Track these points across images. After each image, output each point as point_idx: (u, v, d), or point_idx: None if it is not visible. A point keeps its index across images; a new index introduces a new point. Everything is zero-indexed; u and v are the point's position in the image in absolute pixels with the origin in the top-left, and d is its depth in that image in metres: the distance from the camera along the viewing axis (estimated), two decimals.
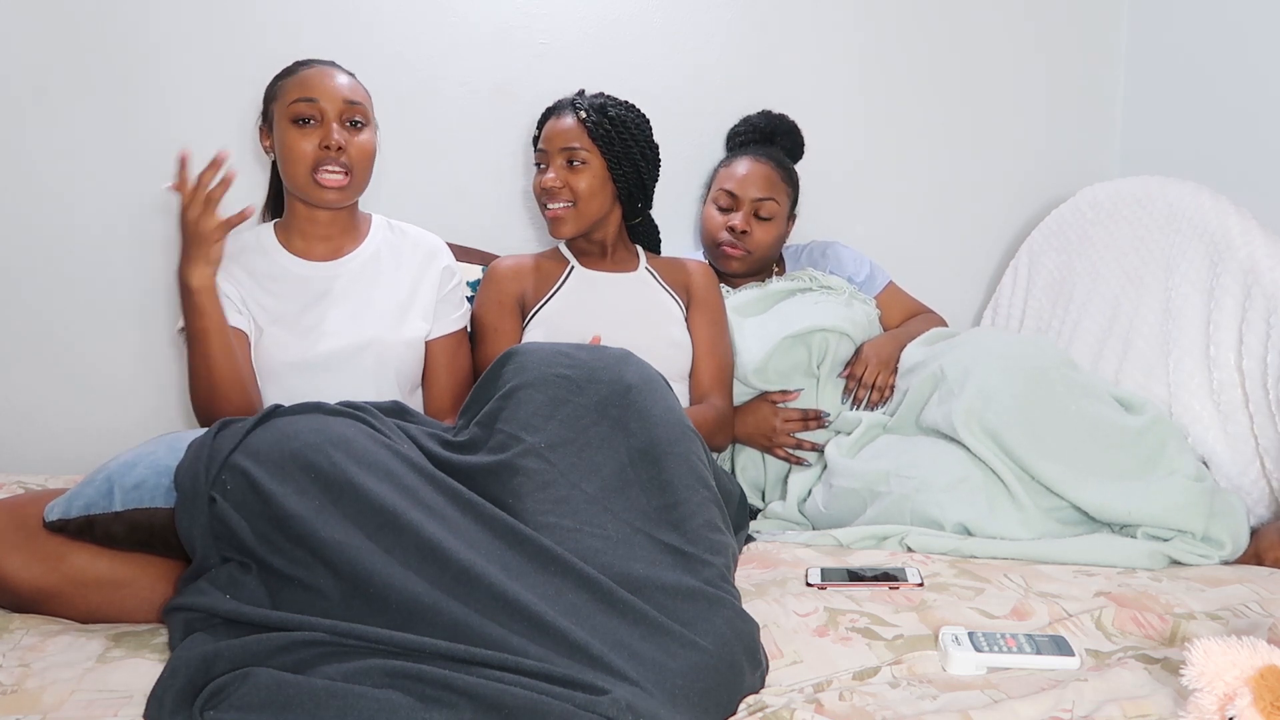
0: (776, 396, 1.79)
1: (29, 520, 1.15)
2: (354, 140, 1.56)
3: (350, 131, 1.56)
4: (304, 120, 1.54)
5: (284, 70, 1.61)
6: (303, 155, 1.54)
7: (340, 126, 1.55)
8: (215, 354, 1.43)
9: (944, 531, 1.48)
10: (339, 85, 1.56)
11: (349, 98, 1.56)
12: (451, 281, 1.71)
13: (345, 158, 1.54)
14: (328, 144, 1.53)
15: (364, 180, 1.59)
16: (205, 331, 1.42)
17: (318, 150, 1.53)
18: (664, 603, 1.04)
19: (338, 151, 1.53)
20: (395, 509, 1.08)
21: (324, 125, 1.54)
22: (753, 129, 2.07)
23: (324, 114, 1.54)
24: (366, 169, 1.59)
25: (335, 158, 1.54)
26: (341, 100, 1.55)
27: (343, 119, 1.55)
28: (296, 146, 1.54)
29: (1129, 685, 1.00)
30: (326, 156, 1.53)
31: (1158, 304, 1.78)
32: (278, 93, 1.58)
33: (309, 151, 1.53)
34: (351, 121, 1.56)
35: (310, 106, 1.54)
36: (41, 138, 1.86)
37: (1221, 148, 2.08)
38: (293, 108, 1.54)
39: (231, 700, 0.92)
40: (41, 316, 1.90)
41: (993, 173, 2.34)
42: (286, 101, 1.55)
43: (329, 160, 1.53)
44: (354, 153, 1.55)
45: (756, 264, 1.97)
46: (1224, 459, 1.61)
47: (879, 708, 0.96)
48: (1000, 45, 2.30)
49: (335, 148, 1.53)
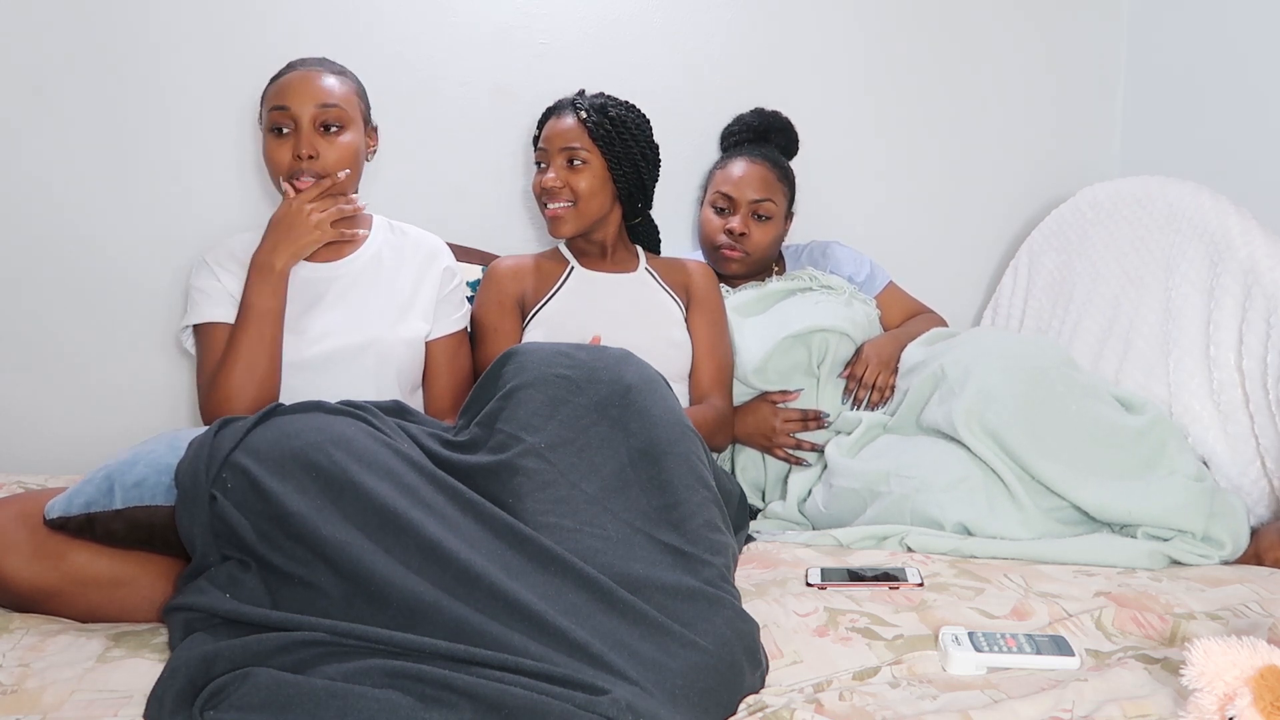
0: (776, 397, 1.79)
1: (29, 519, 1.14)
2: (329, 145, 1.54)
3: (324, 137, 1.55)
4: (278, 129, 1.54)
5: (275, 74, 1.61)
6: (278, 164, 1.55)
7: (313, 133, 1.54)
8: (270, 337, 1.49)
9: (944, 531, 1.48)
10: (315, 89, 1.55)
11: (323, 101, 1.54)
12: (452, 282, 1.71)
13: (317, 165, 1.53)
14: (299, 153, 1.53)
15: (345, 184, 1.58)
16: (274, 312, 1.49)
17: (291, 160, 1.54)
18: (664, 603, 1.04)
19: (309, 160, 1.53)
20: (396, 508, 1.08)
21: (296, 133, 1.54)
22: (746, 127, 2.07)
23: (297, 121, 1.53)
24: (345, 172, 1.57)
25: (307, 167, 1.53)
26: (314, 105, 1.53)
27: (316, 124, 1.54)
28: (272, 156, 1.55)
29: (1129, 685, 1.00)
30: (298, 165, 1.54)
31: (1158, 304, 1.78)
32: (263, 98, 1.59)
33: (284, 161, 1.54)
34: (325, 126, 1.55)
35: (283, 115, 1.54)
36: (40, 138, 1.86)
37: (1221, 148, 2.08)
38: (270, 116, 1.55)
39: (231, 700, 0.92)
40: (40, 318, 1.89)
41: (993, 173, 2.34)
42: (266, 109, 1.56)
43: (301, 169, 1.54)
44: (329, 159, 1.54)
45: (756, 265, 1.97)
46: (1224, 459, 1.61)
47: (879, 708, 0.96)
48: (1000, 45, 2.30)
49: (306, 156, 1.53)
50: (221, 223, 1.88)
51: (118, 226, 1.90)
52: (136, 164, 1.89)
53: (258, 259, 1.51)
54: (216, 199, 1.93)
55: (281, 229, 1.51)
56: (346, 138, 1.57)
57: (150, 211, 1.91)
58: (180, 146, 1.91)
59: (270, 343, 1.49)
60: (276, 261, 1.50)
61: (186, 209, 1.92)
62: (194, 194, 1.92)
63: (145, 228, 1.91)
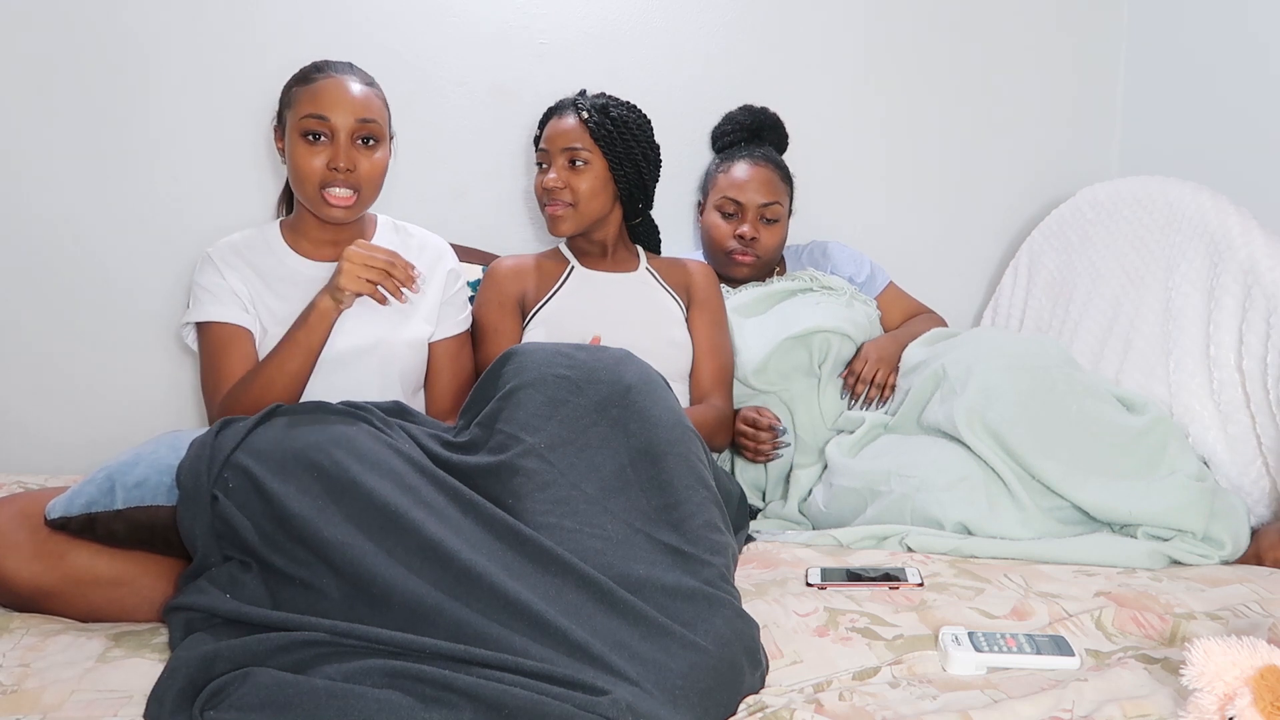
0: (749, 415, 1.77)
1: (30, 519, 1.14)
2: (365, 159, 1.52)
3: (361, 150, 1.53)
4: (314, 135, 1.51)
5: (300, 75, 1.57)
6: (311, 172, 1.51)
7: (351, 145, 1.52)
8: (303, 371, 1.47)
9: (944, 531, 1.48)
10: (355, 102, 1.52)
11: (363, 115, 1.52)
12: (457, 284, 1.71)
13: (354, 178, 1.52)
14: (336, 165, 1.50)
15: (372, 196, 1.57)
16: (312, 349, 1.47)
17: (326, 170, 1.51)
18: (664, 603, 1.04)
19: (346, 173, 1.51)
20: (397, 508, 1.08)
21: (334, 143, 1.51)
22: (739, 126, 2.06)
23: (335, 131, 1.50)
24: (376, 186, 1.56)
25: (344, 179, 1.51)
26: (354, 119, 1.51)
27: (354, 137, 1.52)
28: (305, 163, 1.51)
29: (1129, 685, 1.00)
30: (334, 177, 1.51)
31: (1158, 304, 1.78)
32: (292, 100, 1.54)
33: (317, 169, 1.51)
34: (364, 139, 1.53)
35: (320, 124, 1.50)
36: (38, 140, 1.86)
37: (1221, 148, 2.08)
38: (303, 122, 1.51)
39: (232, 700, 0.92)
40: (40, 319, 1.89)
41: (993, 173, 2.34)
42: (299, 114, 1.51)
43: (336, 180, 1.51)
44: (364, 172, 1.52)
45: (765, 267, 1.98)
46: (1224, 459, 1.61)
47: (879, 708, 0.96)
48: (1000, 45, 2.30)
49: (344, 169, 1.50)
50: (219, 224, 1.87)
51: (117, 227, 1.90)
52: (136, 164, 1.89)
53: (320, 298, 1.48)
54: (215, 199, 1.93)
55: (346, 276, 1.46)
56: (380, 153, 1.55)
57: (149, 211, 1.91)
58: (179, 147, 1.91)
59: (304, 375, 1.48)
60: (322, 302, 1.47)
61: (185, 209, 1.92)
62: (192, 194, 1.92)
63: (144, 228, 1.91)
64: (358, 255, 1.46)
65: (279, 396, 1.44)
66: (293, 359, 1.46)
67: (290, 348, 1.46)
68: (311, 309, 1.48)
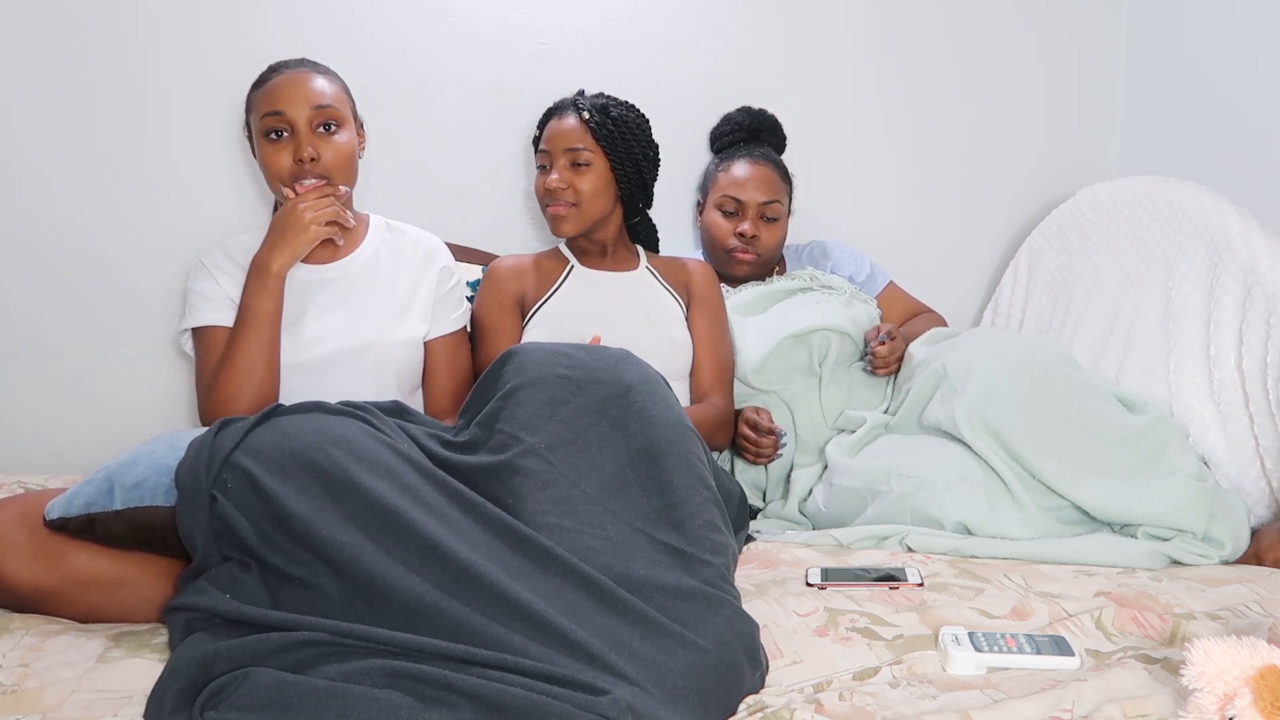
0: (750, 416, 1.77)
1: (29, 519, 1.14)
2: (327, 146, 1.54)
3: (323, 138, 1.55)
4: (276, 133, 1.54)
5: (257, 79, 1.59)
6: (279, 170, 1.54)
7: (311, 134, 1.53)
8: (268, 339, 1.49)
9: (944, 531, 1.48)
10: (308, 91, 1.54)
11: (318, 102, 1.54)
12: (450, 281, 1.71)
13: (321, 166, 1.54)
14: (300, 156, 1.52)
15: (345, 181, 1.58)
16: (271, 315, 1.49)
17: (293, 164, 1.53)
18: (664, 603, 1.04)
19: (312, 163, 1.53)
20: (397, 508, 1.08)
21: (295, 136, 1.53)
22: (737, 127, 2.07)
23: (294, 124, 1.53)
24: (345, 171, 1.57)
25: (310, 169, 1.53)
26: (310, 107, 1.53)
27: (313, 125, 1.54)
28: (272, 162, 1.54)
29: (1129, 685, 1.00)
30: (301, 169, 1.53)
31: (1158, 304, 1.78)
32: (251, 105, 1.58)
33: (285, 165, 1.53)
34: (324, 125, 1.55)
35: (279, 120, 1.53)
36: (35, 141, 1.85)
37: (1221, 148, 2.08)
38: (264, 122, 1.54)
39: (231, 700, 0.92)
40: (39, 319, 1.89)
41: (993, 173, 2.34)
42: (258, 116, 1.55)
43: (304, 173, 1.53)
44: (329, 159, 1.54)
45: (765, 266, 1.98)
46: (1224, 459, 1.61)
47: (879, 708, 0.96)
48: (1000, 45, 2.30)
49: (309, 159, 1.52)
50: (219, 224, 1.88)
51: (115, 227, 1.90)
52: (136, 164, 1.89)
53: (256, 261, 1.51)
54: (213, 200, 1.93)
55: (278, 231, 1.51)
56: (343, 136, 1.57)
57: (147, 213, 1.91)
58: (178, 148, 1.91)
59: (268, 345, 1.49)
60: (273, 263, 1.49)
61: (184, 210, 1.92)
62: (191, 195, 1.92)
63: (142, 229, 1.91)
64: (304, 205, 1.50)
65: (261, 369, 1.47)
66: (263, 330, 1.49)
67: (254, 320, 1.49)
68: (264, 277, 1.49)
